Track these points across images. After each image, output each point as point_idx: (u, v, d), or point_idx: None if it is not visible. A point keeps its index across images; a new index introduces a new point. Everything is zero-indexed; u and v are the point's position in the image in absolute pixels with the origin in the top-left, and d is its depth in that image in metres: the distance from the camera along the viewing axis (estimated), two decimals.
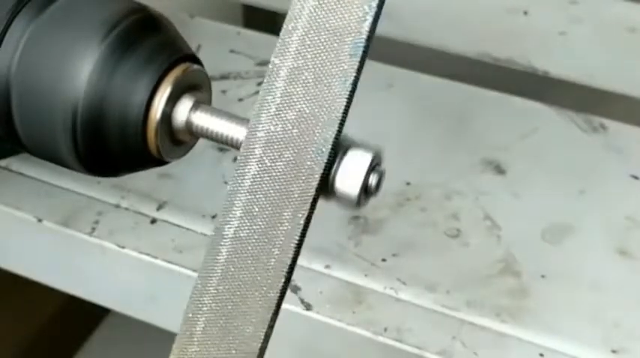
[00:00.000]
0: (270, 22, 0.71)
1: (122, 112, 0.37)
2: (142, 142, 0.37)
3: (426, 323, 0.49)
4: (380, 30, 0.33)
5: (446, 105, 0.62)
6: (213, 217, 0.54)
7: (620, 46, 0.68)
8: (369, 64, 0.62)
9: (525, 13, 0.70)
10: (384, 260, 0.52)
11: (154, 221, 0.54)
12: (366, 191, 0.33)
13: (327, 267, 0.52)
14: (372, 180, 0.33)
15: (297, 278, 0.51)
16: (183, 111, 0.37)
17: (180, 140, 0.38)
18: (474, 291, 0.51)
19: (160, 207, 0.55)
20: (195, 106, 0.37)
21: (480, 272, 0.52)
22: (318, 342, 0.50)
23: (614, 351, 0.48)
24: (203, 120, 0.37)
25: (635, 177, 0.58)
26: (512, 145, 0.59)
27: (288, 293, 0.50)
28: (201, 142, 0.45)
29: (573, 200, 0.56)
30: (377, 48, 0.63)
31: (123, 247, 0.53)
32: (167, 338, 0.39)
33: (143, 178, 0.57)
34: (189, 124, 0.37)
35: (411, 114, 0.61)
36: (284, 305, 0.50)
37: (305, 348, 0.51)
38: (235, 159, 0.59)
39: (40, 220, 0.54)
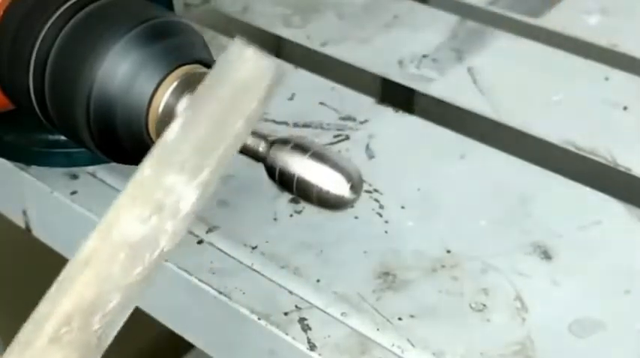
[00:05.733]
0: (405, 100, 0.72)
1: (129, 98, 0.39)
2: (145, 128, 0.39)
3: None
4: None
5: (512, 183, 0.62)
6: (254, 248, 0.57)
7: None
8: (445, 132, 0.64)
9: (625, 108, 0.69)
10: (400, 318, 0.53)
11: (200, 242, 0.58)
12: None
13: (342, 314, 0.53)
14: None
15: (310, 318, 0.52)
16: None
17: None
18: None
19: (209, 231, 0.58)
20: None
21: (492, 350, 0.51)
22: None
23: None
24: None
25: None
26: (568, 234, 0.58)
27: (298, 330, 0.52)
28: (265, 180, 0.48)
29: (615, 298, 0.55)
30: (460, 120, 0.65)
31: (166, 260, 0.56)
32: None
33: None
34: None
35: (473, 185, 0.62)
36: (290, 340, 0.52)
37: None
38: (291, 200, 0.61)
39: None
